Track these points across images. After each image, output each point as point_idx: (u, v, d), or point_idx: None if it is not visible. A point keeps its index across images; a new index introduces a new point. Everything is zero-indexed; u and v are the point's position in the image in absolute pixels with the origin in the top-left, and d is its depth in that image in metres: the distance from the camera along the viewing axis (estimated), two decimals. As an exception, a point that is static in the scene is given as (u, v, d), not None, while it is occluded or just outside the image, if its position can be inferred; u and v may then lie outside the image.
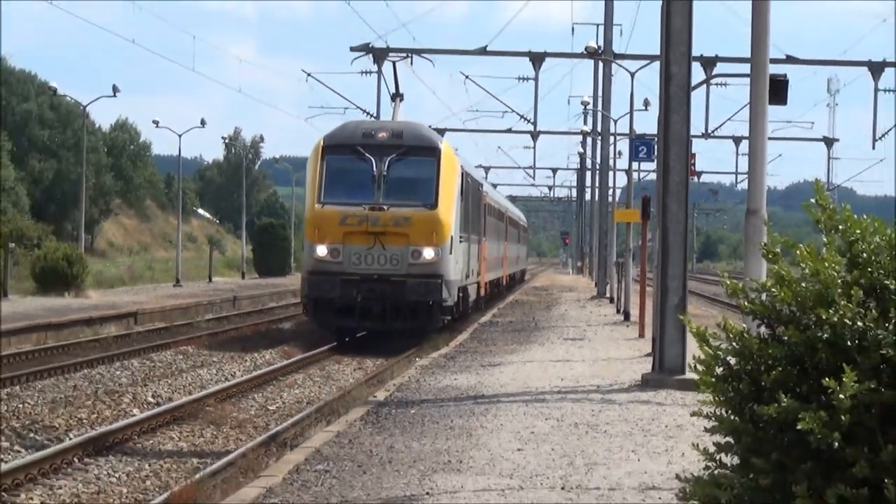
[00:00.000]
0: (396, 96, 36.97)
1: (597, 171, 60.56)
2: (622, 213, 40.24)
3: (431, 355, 26.54)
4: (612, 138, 52.62)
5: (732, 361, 5.33)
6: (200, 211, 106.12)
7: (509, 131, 70.24)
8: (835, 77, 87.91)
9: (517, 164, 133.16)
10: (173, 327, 38.43)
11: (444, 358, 25.75)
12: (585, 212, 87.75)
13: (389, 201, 30.38)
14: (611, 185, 53.75)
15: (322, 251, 30.24)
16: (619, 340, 30.19)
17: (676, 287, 19.93)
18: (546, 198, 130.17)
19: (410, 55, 37.96)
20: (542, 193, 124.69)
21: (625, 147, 48.49)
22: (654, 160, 25.75)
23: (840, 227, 5.30)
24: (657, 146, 21.73)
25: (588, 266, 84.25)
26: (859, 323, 4.97)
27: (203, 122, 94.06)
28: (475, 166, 54.77)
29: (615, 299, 45.07)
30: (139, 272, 72.97)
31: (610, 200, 52.43)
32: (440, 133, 42.11)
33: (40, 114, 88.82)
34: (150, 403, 21.53)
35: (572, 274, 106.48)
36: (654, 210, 23.05)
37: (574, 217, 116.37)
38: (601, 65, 51.71)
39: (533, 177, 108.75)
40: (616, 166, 54.65)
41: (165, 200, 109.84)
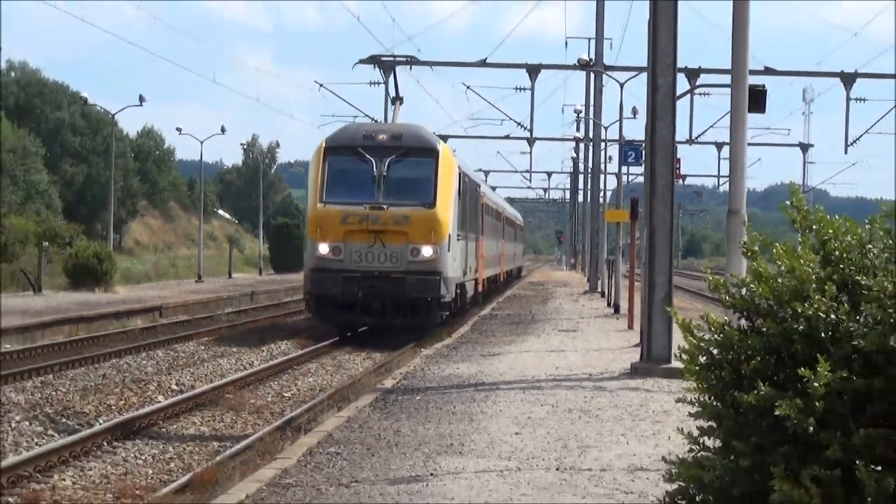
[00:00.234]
0: (396, 100, 36.32)
1: (589, 175, 60.55)
2: (612, 214, 40.26)
3: (435, 346, 26.53)
4: (603, 144, 52.56)
5: (715, 351, 5.33)
6: (220, 212, 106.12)
7: (507, 137, 70.18)
8: (810, 87, 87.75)
9: (515, 168, 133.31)
10: (195, 320, 38.40)
11: (447, 348, 25.75)
12: (578, 212, 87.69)
13: (389, 201, 29.65)
14: (602, 188, 53.72)
15: (324, 249, 29.54)
16: (610, 332, 30.17)
17: (663, 282, 19.94)
18: (542, 199, 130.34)
19: (409, 60, 36.90)
20: (538, 195, 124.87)
21: (615, 152, 48.40)
22: (642, 164, 25.72)
23: (814, 227, 5.30)
24: (645, 151, 21.72)
25: (581, 263, 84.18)
26: (832, 316, 4.97)
27: (223, 129, 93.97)
28: (476, 170, 54.60)
29: (606, 294, 45.04)
30: (164, 269, 72.94)
31: (601, 202, 52.41)
32: (443, 139, 41.79)
33: (72, 122, 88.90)
34: (174, 391, 21.54)
35: (566, 270, 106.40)
36: (642, 210, 23.00)
37: (568, 217, 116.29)
38: (593, 76, 51.69)
39: (529, 180, 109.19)
40: (607, 170, 54.52)
41: (188, 202, 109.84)
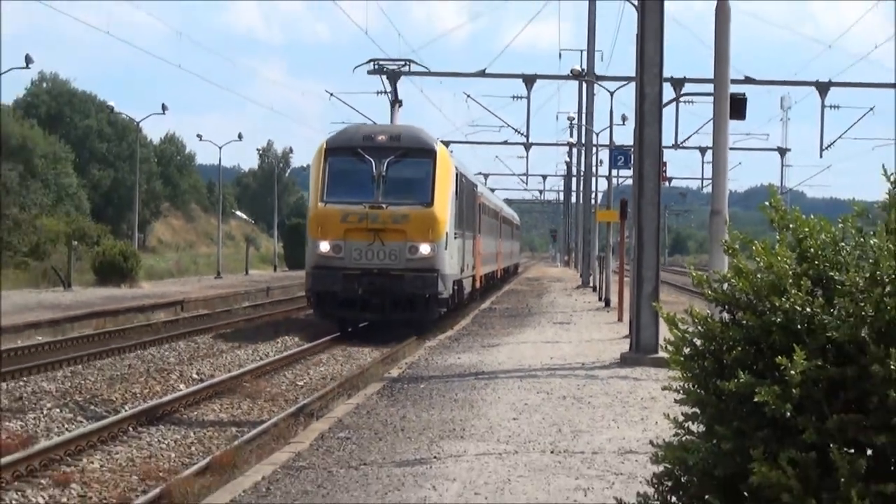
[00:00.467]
0: (395, 102, 35.40)
1: (581, 178, 60.53)
2: (603, 214, 40.26)
3: (438, 337, 26.54)
4: (595, 149, 52.60)
5: (698, 343, 5.32)
6: (238, 213, 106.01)
7: (505, 143, 70.25)
8: (787, 95, 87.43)
9: (512, 172, 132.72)
10: (215, 314, 38.43)
11: (450, 339, 25.77)
12: (571, 212, 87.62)
13: (388, 200, 28.78)
14: (593, 190, 53.75)
15: (325, 247, 28.69)
16: (601, 324, 30.17)
17: (650, 277, 19.94)
18: (537, 200, 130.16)
19: (407, 63, 35.49)
20: (534, 197, 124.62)
21: (605, 156, 48.35)
22: (631, 168, 25.71)
23: (791, 226, 5.29)
24: (633, 155, 21.71)
25: (574, 260, 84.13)
26: (808, 309, 4.97)
27: (240, 136, 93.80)
28: (475, 173, 54.33)
29: (597, 288, 45.04)
30: (185, 266, 72.92)
31: (592, 203, 52.40)
32: (445, 144, 41.53)
33: (99, 129, 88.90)
34: (195, 380, 21.54)
35: (560, 267, 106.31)
36: (631, 211, 23.00)
37: (561, 217, 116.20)
38: (585, 85, 51.69)
39: (526, 182, 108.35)
40: (598, 173, 54.58)
41: (208, 204, 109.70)
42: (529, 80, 43.55)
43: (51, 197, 71.68)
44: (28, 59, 41.96)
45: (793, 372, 4.78)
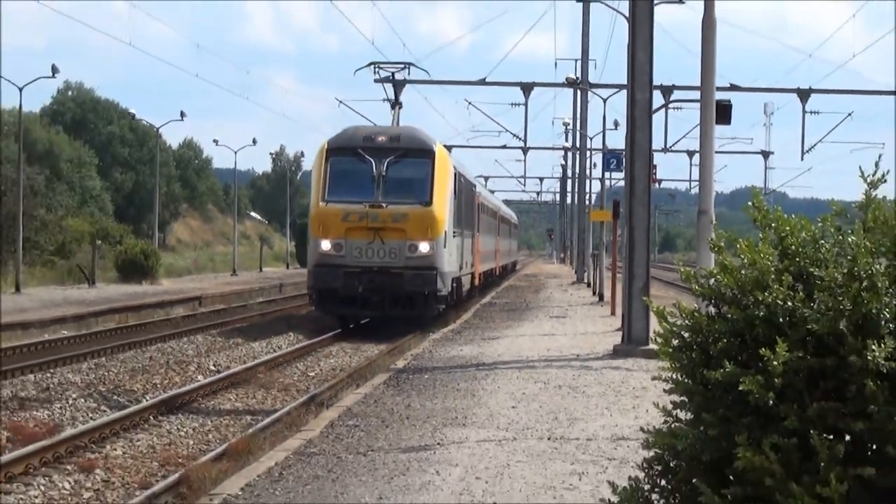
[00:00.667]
0: (396, 105, 34.32)
1: (576, 180, 60.49)
2: (597, 214, 40.20)
3: (442, 330, 26.51)
4: (589, 153, 52.59)
5: (686, 335, 5.32)
6: (252, 213, 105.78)
7: (504, 147, 70.45)
8: (770, 101, 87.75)
9: (511, 174, 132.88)
10: (230, 309, 38.45)
11: (452, 332, 25.76)
12: (567, 212, 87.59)
13: (388, 199, 27.87)
14: (587, 191, 53.78)
15: (326, 246, 27.79)
16: (595, 318, 30.17)
17: (641, 274, 19.94)
18: (535, 201, 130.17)
19: (407, 67, 34.06)
20: (532, 198, 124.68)
21: (599, 160, 48.30)
22: (623, 170, 25.71)
23: (773, 225, 5.28)
24: (625, 159, 21.70)
25: (569, 257, 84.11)
26: (789, 303, 4.96)
27: (254, 141, 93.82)
28: (476, 176, 54.10)
29: (591, 284, 45.04)
30: (202, 264, 72.98)
31: (587, 203, 52.40)
32: (448, 148, 41.20)
33: (121, 135, 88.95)
34: (212, 371, 21.57)
35: (556, 264, 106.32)
36: (623, 211, 23.01)
37: (557, 217, 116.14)
38: (579, 92, 51.64)
39: (524, 184, 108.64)
40: (592, 175, 54.62)
41: (224, 205, 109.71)
42: (527, 88, 43.52)
43: (76, 199, 71.81)
44: (54, 69, 41.96)
45: (775, 363, 4.77)
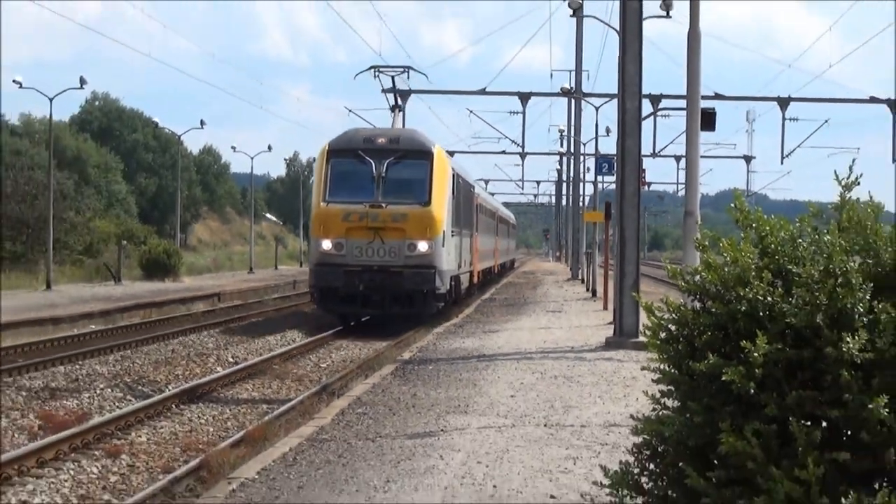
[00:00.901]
0: (396, 107, 33.32)
1: (570, 183, 60.48)
2: (590, 215, 40.20)
3: (445, 324, 26.49)
4: (582, 157, 52.53)
5: (673, 328, 5.33)
6: (268, 215, 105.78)
7: (503, 153, 70.49)
8: (752, 109, 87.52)
9: (510, 178, 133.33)
10: (248, 304, 38.45)
11: (455, 326, 25.74)
12: (562, 214, 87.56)
13: (387, 199, 26.87)
14: (581, 194, 53.68)
15: (327, 245, 26.82)
16: (589, 312, 30.16)
17: (631, 271, 19.93)
18: (532, 203, 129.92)
19: (406, 70, 32.72)
20: (529, 200, 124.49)
21: (592, 164, 48.34)
22: (614, 174, 25.68)
23: (754, 225, 5.29)
24: (616, 163, 21.70)
25: (564, 255, 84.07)
26: (769, 298, 4.97)
27: (270, 148, 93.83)
28: (477, 179, 53.86)
29: (585, 281, 45.01)
30: (221, 262, 73.01)
31: (581, 205, 52.35)
32: (450, 154, 40.88)
33: (145, 142, 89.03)
34: (230, 363, 21.57)
35: (552, 262, 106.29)
36: (615, 212, 22.99)
37: (553, 217, 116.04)
38: (573, 101, 51.62)
39: (522, 187, 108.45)
40: (585, 179, 54.51)
41: (241, 207, 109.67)
42: (524, 97, 43.56)
43: (103, 202, 71.85)
44: (82, 81, 41.96)
45: (756, 354, 4.78)
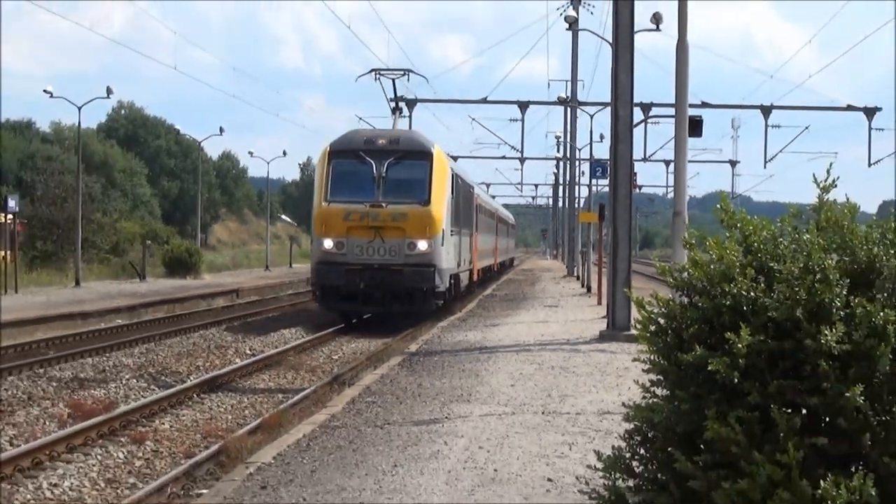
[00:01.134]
0: (396, 110, 32.29)
1: (566, 186, 60.46)
2: (585, 216, 40.20)
3: (449, 318, 26.47)
4: (577, 162, 52.52)
5: (662, 321, 5.33)
6: (283, 216, 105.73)
7: (504, 158, 70.66)
8: (737, 117, 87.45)
9: (510, 181, 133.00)
10: (264, 300, 38.46)
11: (458, 320, 25.75)
12: (559, 215, 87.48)
13: (388, 199, 25.84)
14: (576, 196, 53.71)
15: (328, 244, 25.82)
16: (584, 307, 30.15)
17: (623, 268, 19.95)
18: (531, 205, 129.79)
19: (406, 73, 31.65)
20: (528, 202, 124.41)
21: (586, 168, 48.25)
22: (608, 178, 25.66)
23: (738, 225, 5.30)
24: (609, 168, 21.69)
25: (561, 254, 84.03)
26: (752, 294, 4.97)
27: (284, 153, 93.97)
28: (479, 183, 53.66)
29: (580, 277, 45.00)
30: (239, 261, 72.97)
31: (576, 207, 52.34)
32: (454, 158, 40.55)
33: (168, 147, 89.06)
34: (248, 354, 21.59)
35: (549, 260, 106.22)
36: (608, 213, 22.99)
37: (551, 218, 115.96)
38: (569, 109, 51.60)
39: (521, 190, 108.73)
40: (580, 182, 54.52)
41: (258, 209, 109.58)
42: (523, 106, 43.53)
43: (128, 204, 71.91)
44: (109, 91, 42.03)
45: (739, 346, 4.78)
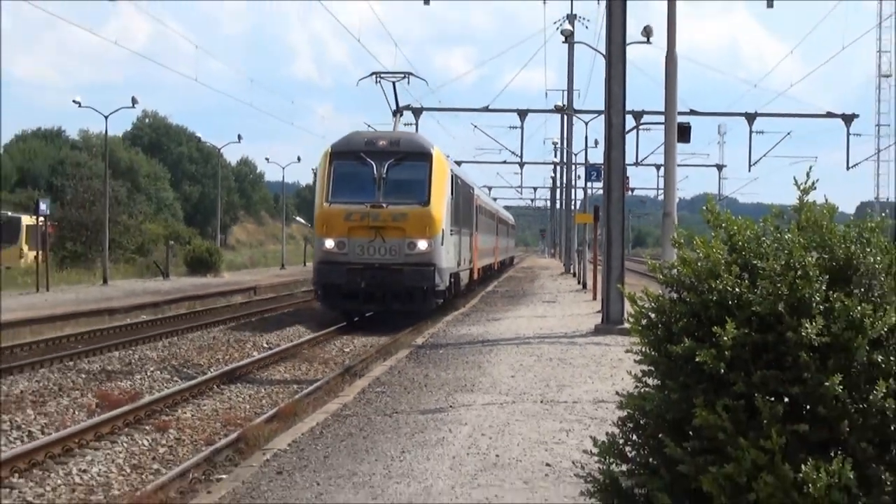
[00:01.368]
0: (397, 111, 31.23)
1: (563, 189, 60.41)
2: (581, 217, 40.14)
3: (453, 313, 26.47)
4: (574, 167, 52.48)
5: (652, 315, 5.32)
6: (298, 218, 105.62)
7: (504, 162, 70.34)
8: (723, 123, 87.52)
9: (510, 185, 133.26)
10: (280, 296, 38.49)
11: (462, 315, 25.75)
12: (556, 216, 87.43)
13: (388, 200, 25.00)
14: (573, 198, 53.64)
15: (330, 244, 24.99)
16: (580, 302, 30.14)
17: (617, 266, 19.94)
18: (530, 207, 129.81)
19: (407, 76, 30.64)
20: (527, 204, 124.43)
21: (582, 172, 48.20)
22: (602, 181, 25.64)
23: (724, 225, 5.29)
24: (603, 172, 21.68)
25: (558, 253, 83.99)
26: (737, 289, 4.96)
27: (299, 159, 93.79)
28: (481, 186, 53.48)
29: (577, 274, 44.98)
30: (257, 260, 73.03)
31: (572, 208, 52.30)
32: (457, 163, 40.40)
33: (189, 154, 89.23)
34: (265, 348, 21.60)
35: (548, 258, 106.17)
36: (602, 214, 22.97)
37: (549, 219, 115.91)
38: (566, 117, 51.55)
39: (521, 193, 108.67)
40: (576, 185, 54.44)
41: (274, 211, 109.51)
42: (523, 114, 43.52)
43: (152, 207, 72.06)
44: (134, 101, 42.02)
45: (725, 338, 4.78)
